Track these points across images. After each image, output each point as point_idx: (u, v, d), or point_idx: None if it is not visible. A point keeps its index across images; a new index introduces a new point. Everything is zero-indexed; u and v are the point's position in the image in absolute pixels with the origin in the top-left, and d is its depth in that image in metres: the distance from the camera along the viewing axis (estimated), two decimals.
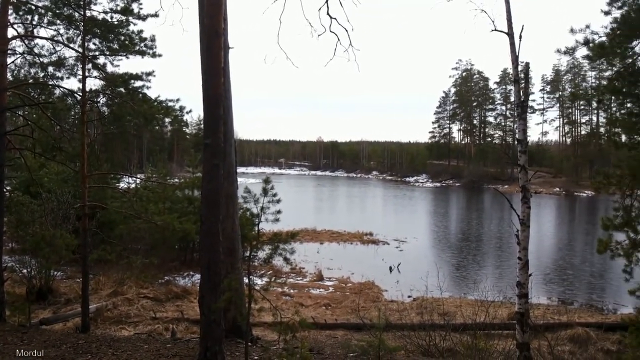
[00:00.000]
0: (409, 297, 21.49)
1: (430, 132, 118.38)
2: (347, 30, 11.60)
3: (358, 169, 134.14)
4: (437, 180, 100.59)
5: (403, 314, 17.29)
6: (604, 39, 10.98)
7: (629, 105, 11.65)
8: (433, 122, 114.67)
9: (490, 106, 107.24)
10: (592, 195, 68.10)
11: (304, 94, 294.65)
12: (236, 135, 17.76)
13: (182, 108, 14.79)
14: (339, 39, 11.60)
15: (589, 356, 15.76)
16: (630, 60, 11.21)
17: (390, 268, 27.00)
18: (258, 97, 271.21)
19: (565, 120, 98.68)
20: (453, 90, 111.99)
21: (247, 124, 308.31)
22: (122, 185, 27.68)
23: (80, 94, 13.13)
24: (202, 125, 18.22)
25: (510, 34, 11.56)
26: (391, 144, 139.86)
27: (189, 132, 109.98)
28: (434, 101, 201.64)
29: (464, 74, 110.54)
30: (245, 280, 8.84)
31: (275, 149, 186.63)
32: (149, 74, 14.00)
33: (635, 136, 11.35)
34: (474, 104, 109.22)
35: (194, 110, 50.41)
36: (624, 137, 11.92)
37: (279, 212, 8.13)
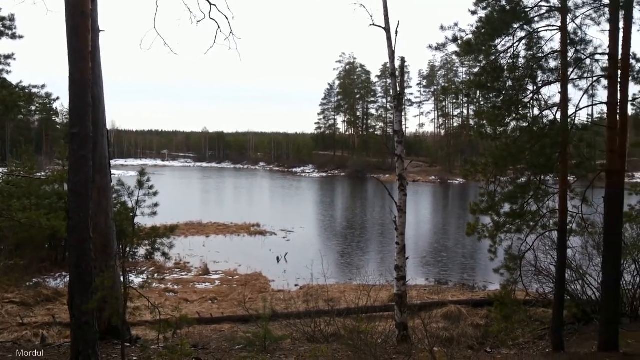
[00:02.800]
0: (296, 285, 21.75)
1: (316, 123, 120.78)
2: (227, 18, 11.32)
3: (245, 160, 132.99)
4: (323, 171, 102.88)
5: (290, 303, 17.47)
6: (470, 36, 11.80)
7: (493, 99, 12.62)
8: (319, 114, 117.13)
9: (372, 99, 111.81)
10: (463, 182, 73.63)
11: (188, 84, 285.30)
12: (112, 125, 16.72)
13: (48, 95, 13.59)
14: (219, 27, 11.29)
15: (461, 331, 17.06)
16: (493, 58, 12.16)
17: (278, 258, 27.14)
18: (138, 86, 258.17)
19: (439, 113, 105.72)
20: (337, 82, 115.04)
21: (127, 114, 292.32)
22: None
23: None
24: None
25: (387, 29, 12.03)
26: (278, 135, 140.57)
27: (59, 121, 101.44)
28: (319, 93, 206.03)
29: (347, 67, 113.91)
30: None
31: (157, 140, 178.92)
32: (8, 57, 12.71)
33: (498, 127, 12.35)
34: (357, 96, 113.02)
35: (64, 97, 46.57)
36: (489, 129, 12.92)
37: (156, 205, 7.75)
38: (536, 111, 12.07)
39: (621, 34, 11.06)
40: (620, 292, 14.52)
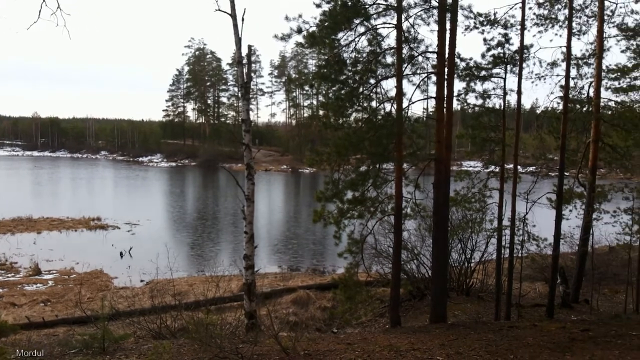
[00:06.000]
0: (142, 281, 20.72)
1: (164, 110, 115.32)
2: None
3: (84, 149, 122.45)
4: (172, 160, 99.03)
5: (134, 300, 16.60)
6: (315, 29, 12.08)
7: (336, 91, 13.08)
8: (167, 101, 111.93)
9: (224, 86, 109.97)
10: (313, 171, 76.18)
11: (13, 62, 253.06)
12: None
13: None
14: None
15: (309, 315, 17.67)
16: (336, 51, 12.60)
17: (121, 253, 25.58)
18: None
19: (290, 104, 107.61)
20: (187, 68, 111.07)
21: None
22: None
23: None
24: None
25: (233, 15, 11.79)
26: (122, 122, 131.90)
27: None
28: (167, 79, 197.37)
29: (197, 52, 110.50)
30: None
31: None
32: None
33: (341, 118, 12.87)
34: (208, 83, 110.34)
35: None
36: (333, 119, 13.39)
37: None
38: (375, 104, 12.81)
39: (448, 35, 12.19)
40: (448, 269, 16.20)
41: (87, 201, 45.80)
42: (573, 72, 16.72)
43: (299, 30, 11.75)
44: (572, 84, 16.53)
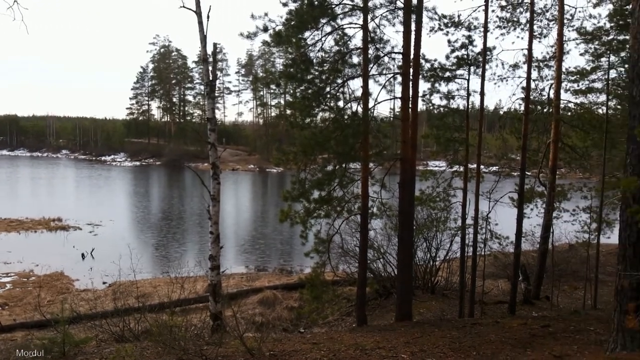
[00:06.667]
0: (104, 283, 20.25)
1: (127, 108, 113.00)
2: None
3: (45, 148, 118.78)
4: (136, 159, 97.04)
5: (97, 303, 16.21)
6: (281, 27, 12.03)
7: (302, 90, 13.05)
8: (131, 98, 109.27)
9: (190, 85, 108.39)
10: (281, 171, 75.88)
11: None
12: None
13: None
14: None
15: (276, 315, 17.62)
16: (303, 50, 12.57)
17: (83, 255, 24.95)
18: None
19: (258, 102, 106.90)
20: (151, 66, 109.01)
21: None
22: None
23: None
24: None
25: (198, 12, 11.63)
26: (84, 120, 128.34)
27: None
28: (131, 76, 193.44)
29: (162, 50, 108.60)
30: None
31: None
32: None
33: (307, 117, 12.85)
34: (173, 81, 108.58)
35: None
36: (299, 119, 13.35)
37: None
38: (342, 103, 12.85)
39: (413, 36, 12.32)
40: (414, 268, 16.39)
41: (47, 201, 44.52)
42: (534, 74, 17.19)
43: (265, 29, 11.69)
44: (533, 85, 16.97)
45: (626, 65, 15.61)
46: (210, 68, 11.59)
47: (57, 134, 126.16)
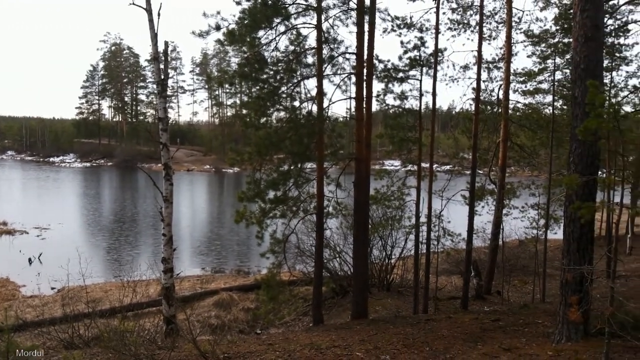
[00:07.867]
0: (53, 289, 19.53)
1: (77, 107, 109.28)
2: None
3: None
4: (86, 160, 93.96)
5: (45, 309, 15.65)
6: (234, 26, 11.89)
7: (256, 90, 12.96)
8: (80, 98, 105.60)
9: (142, 84, 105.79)
10: (238, 171, 75.07)
11: None
12: None
13: None
14: None
15: (232, 317, 17.43)
16: (257, 49, 12.47)
17: (30, 260, 23.99)
18: None
19: (213, 102, 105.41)
20: (102, 64, 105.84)
21: None
22: None
23: None
24: None
25: (148, 9, 11.35)
26: (31, 120, 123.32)
27: None
28: (80, 74, 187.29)
29: (113, 48, 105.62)
30: None
31: None
32: None
33: (262, 117, 12.76)
34: (125, 80, 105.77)
35: None
36: (254, 118, 13.25)
37: None
38: (297, 103, 12.83)
39: (366, 37, 12.43)
40: (369, 266, 16.55)
41: None
42: (484, 75, 17.70)
43: (218, 28, 11.55)
44: (483, 86, 17.47)
45: (570, 67, 16.27)
46: (161, 66, 11.34)
47: (2, 134, 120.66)
